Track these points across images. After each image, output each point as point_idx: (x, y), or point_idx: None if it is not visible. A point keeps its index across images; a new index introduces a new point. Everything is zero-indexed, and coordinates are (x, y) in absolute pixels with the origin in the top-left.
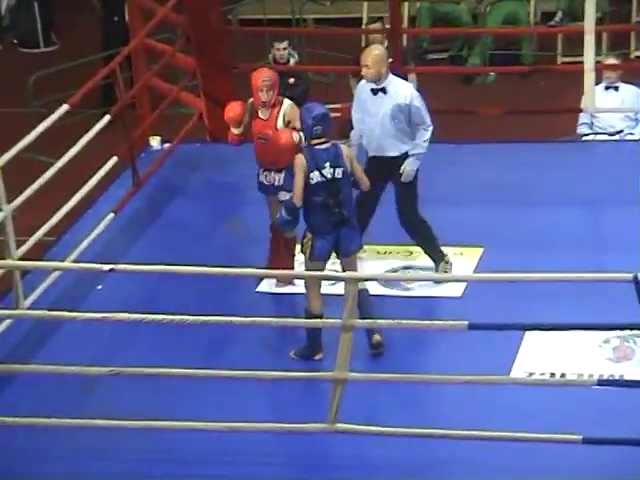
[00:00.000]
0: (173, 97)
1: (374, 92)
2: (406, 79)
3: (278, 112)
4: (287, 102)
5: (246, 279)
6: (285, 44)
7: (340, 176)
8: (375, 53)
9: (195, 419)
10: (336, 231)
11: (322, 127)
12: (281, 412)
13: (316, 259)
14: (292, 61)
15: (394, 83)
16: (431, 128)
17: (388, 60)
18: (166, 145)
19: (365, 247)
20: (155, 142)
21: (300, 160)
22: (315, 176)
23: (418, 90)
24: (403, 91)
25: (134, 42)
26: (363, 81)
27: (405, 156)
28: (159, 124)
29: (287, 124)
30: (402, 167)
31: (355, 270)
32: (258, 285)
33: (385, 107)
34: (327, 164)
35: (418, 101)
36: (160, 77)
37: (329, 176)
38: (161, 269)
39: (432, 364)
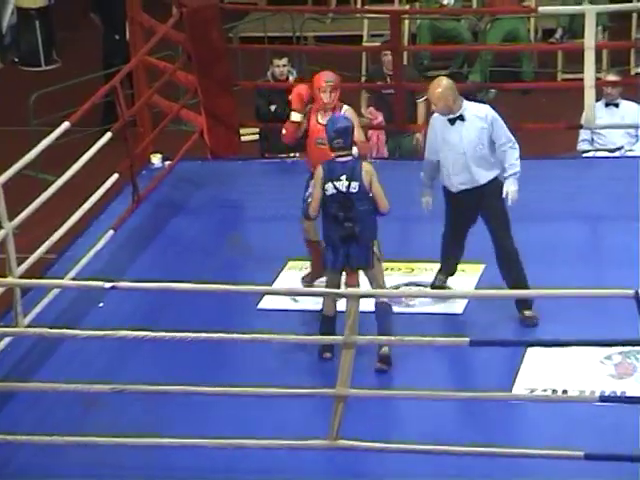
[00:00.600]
0: (174, 114)
1: (451, 122)
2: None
3: None
4: (346, 107)
5: (247, 296)
6: (285, 61)
7: (355, 190)
8: (437, 91)
9: (197, 436)
10: (346, 246)
11: (343, 140)
12: (284, 428)
13: (328, 270)
14: (291, 78)
15: (469, 108)
16: (517, 146)
17: (454, 90)
18: (167, 162)
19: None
20: (156, 159)
21: (318, 172)
22: (329, 188)
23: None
24: (481, 113)
25: (135, 60)
26: (436, 114)
27: (493, 182)
28: (160, 141)
29: None
30: (504, 191)
31: (357, 287)
32: (260, 302)
33: (467, 134)
34: (343, 177)
35: (498, 120)
36: (161, 95)
37: (343, 189)
38: (162, 286)
39: (434, 381)
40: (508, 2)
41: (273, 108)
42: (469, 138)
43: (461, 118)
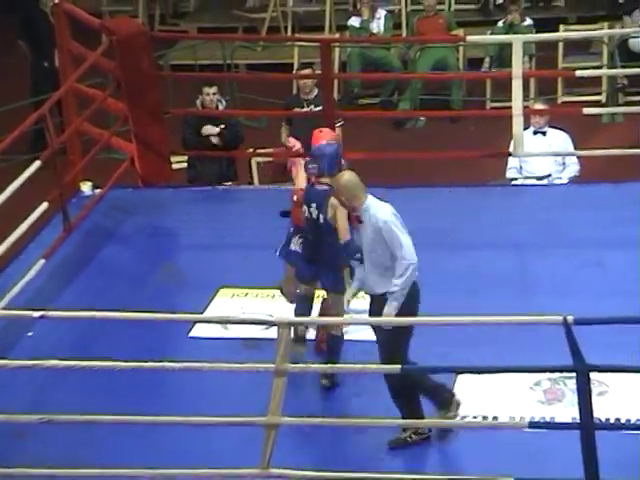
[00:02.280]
0: (104, 142)
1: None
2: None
3: None
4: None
5: (179, 324)
6: (215, 89)
7: (322, 221)
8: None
9: (127, 466)
10: (316, 267)
11: (318, 166)
12: (218, 457)
13: (300, 280)
14: (220, 107)
15: (371, 206)
16: (407, 260)
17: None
18: (97, 190)
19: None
20: (86, 187)
21: (297, 193)
22: (305, 211)
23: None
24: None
25: (64, 87)
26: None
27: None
28: (90, 169)
29: None
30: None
31: (329, 310)
32: (191, 330)
33: (365, 234)
34: (314, 205)
35: (392, 229)
36: (91, 122)
37: (314, 216)
38: (92, 315)
39: (366, 408)
40: (437, 31)
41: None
42: (366, 239)
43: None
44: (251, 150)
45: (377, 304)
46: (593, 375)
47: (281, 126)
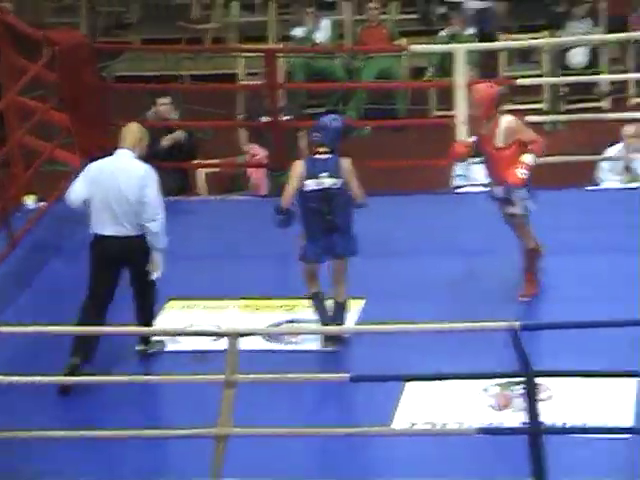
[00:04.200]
0: (48, 155)
1: None
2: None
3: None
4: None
5: (127, 338)
6: (168, 99)
7: (337, 186)
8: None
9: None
10: (328, 237)
11: (321, 136)
12: (168, 469)
13: (307, 261)
14: (173, 116)
15: None
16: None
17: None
18: (42, 204)
19: (247, 302)
20: (30, 201)
21: (296, 167)
22: (310, 184)
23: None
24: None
25: (5, 100)
26: None
27: None
28: (34, 182)
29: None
30: None
31: (342, 275)
32: (139, 344)
33: None
34: (325, 174)
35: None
36: (34, 135)
37: (325, 185)
38: (38, 330)
39: (316, 417)
40: (381, 41)
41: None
42: None
43: None
44: (199, 161)
45: None
46: (540, 380)
47: (237, 131)
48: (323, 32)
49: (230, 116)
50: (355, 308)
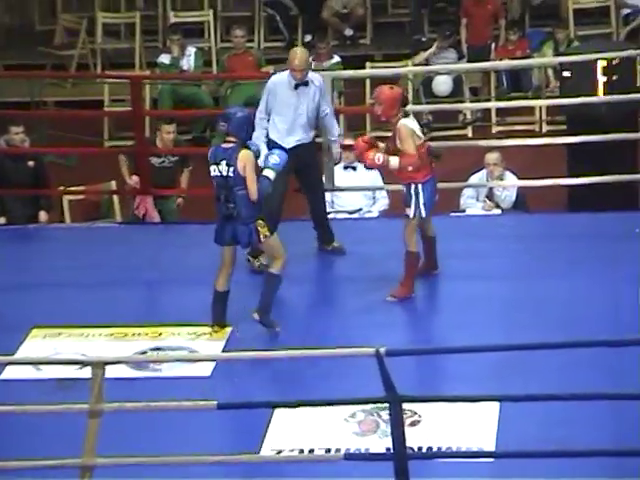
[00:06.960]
0: None
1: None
2: None
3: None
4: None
5: None
6: (22, 128)
7: (233, 175)
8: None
9: None
10: (230, 224)
11: (226, 125)
12: None
13: (217, 243)
14: (26, 145)
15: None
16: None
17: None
18: None
19: (113, 330)
20: None
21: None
22: (212, 170)
23: None
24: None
25: None
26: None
27: None
28: None
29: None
30: None
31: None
32: (2, 373)
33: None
34: (223, 162)
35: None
36: None
37: (224, 173)
38: None
39: (184, 445)
40: (247, 68)
41: None
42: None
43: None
44: (62, 188)
45: None
46: (406, 405)
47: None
48: (189, 59)
49: (96, 143)
50: (222, 335)
